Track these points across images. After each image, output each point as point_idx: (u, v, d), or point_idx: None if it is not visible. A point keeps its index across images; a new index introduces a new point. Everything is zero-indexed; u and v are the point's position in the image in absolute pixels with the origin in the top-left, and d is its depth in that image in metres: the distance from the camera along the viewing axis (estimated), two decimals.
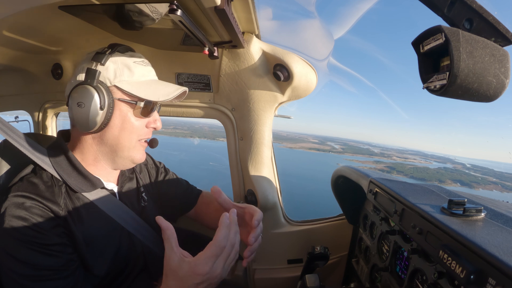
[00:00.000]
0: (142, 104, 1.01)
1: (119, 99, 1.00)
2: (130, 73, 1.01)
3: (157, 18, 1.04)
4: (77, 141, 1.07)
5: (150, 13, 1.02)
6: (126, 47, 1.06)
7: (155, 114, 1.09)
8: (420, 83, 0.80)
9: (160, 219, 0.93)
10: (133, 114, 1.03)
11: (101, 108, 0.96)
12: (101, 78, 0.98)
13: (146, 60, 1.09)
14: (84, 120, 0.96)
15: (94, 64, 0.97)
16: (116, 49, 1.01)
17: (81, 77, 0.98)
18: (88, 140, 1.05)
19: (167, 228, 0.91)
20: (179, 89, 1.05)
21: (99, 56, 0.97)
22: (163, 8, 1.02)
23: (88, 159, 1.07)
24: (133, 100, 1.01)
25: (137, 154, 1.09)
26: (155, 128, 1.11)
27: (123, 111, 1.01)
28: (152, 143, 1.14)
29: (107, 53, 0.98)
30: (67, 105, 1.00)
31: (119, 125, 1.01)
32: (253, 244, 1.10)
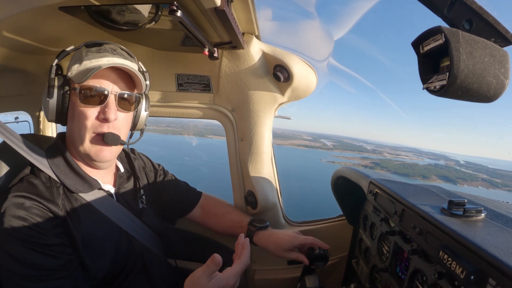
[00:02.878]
0: (78, 89, 1.00)
1: (71, 89, 1.02)
2: (79, 63, 1.02)
3: (156, 20, 1.04)
4: (67, 141, 1.09)
5: (148, 14, 1.02)
6: (97, 42, 1.06)
7: (106, 104, 1.01)
8: (419, 83, 0.80)
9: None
10: (79, 102, 1.00)
11: (48, 96, 0.99)
12: (66, 73, 1.04)
13: (107, 49, 1.04)
14: (44, 110, 1.03)
15: (56, 61, 1.02)
16: (82, 44, 1.04)
17: None
18: (67, 136, 1.09)
19: (216, 262, 0.95)
20: (104, 66, 0.97)
21: (61, 54, 1.03)
22: (162, 9, 1.03)
23: (77, 158, 1.08)
24: (74, 87, 1.01)
25: (92, 149, 1.03)
26: (105, 120, 1.01)
27: (73, 100, 1.02)
28: (104, 137, 1.01)
29: (67, 49, 1.03)
30: None
31: (72, 115, 1.03)
32: None
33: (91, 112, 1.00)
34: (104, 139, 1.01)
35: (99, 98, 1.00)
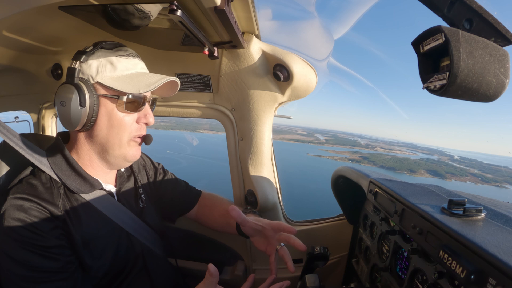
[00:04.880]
0: (125, 98, 0.99)
1: (102, 95, 0.99)
2: (112, 68, 1.00)
3: (152, 16, 1.04)
4: (73, 142, 1.08)
5: (148, 13, 1.02)
6: (113, 43, 1.04)
7: (145, 109, 1.07)
8: (419, 82, 0.80)
9: (211, 267, 0.96)
10: (118, 109, 1.01)
11: (81, 105, 0.95)
12: (84, 76, 0.98)
13: (133, 53, 1.06)
14: (67, 118, 0.97)
15: (74, 63, 0.98)
16: (99, 46, 1.01)
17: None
18: (81, 140, 1.06)
19: (213, 273, 0.95)
20: (163, 79, 1.01)
21: (79, 55, 0.98)
22: (159, 8, 1.03)
23: (84, 160, 1.07)
24: (115, 95, 0.99)
25: (130, 151, 1.07)
26: (146, 124, 1.08)
27: (108, 107, 1.00)
28: (145, 139, 1.11)
29: (87, 51, 0.98)
30: (54, 106, 1.01)
31: (106, 122, 1.01)
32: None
33: (132, 117, 1.04)
34: (145, 140, 1.10)
35: (138, 104, 1.03)
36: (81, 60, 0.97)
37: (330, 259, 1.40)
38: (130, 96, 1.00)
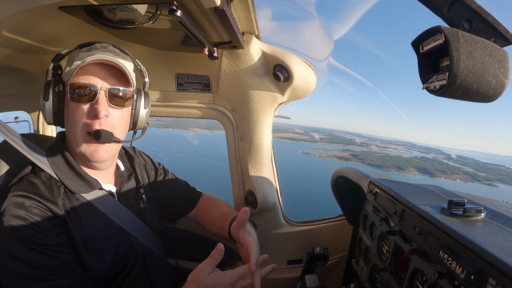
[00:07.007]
0: (68, 87, 0.99)
1: (62, 90, 1.01)
2: (70, 64, 1.02)
3: (154, 19, 1.04)
4: (67, 141, 1.09)
5: (146, 13, 1.02)
6: (88, 42, 1.04)
7: (97, 100, 0.98)
8: (419, 82, 0.80)
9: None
10: (70, 102, 1.00)
11: (44, 99, 1.00)
12: (61, 76, 1.05)
13: (98, 46, 1.03)
14: (42, 113, 1.03)
15: (52, 64, 1.05)
16: (76, 46, 1.04)
17: None
18: (66, 137, 1.09)
19: (219, 250, 0.96)
20: (90, 58, 0.96)
21: (56, 57, 1.05)
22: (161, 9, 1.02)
23: (75, 158, 1.08)
24: (65, 87, 1.01)
25: (86, 150, 1.01)
26: (96, 116, 0.98)
27: (66, 101, 1.02)
28: (96, 134, 0.98)
29: (62, 52, 1.05)
30: None
31: (66, 116, 1.03)
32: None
33: (82, 110, 0.98)
34: (94, 136, 0.98)
35: (89, 95, 0.98)
36: (55, 61, 1.05)
37: (330, 260, 1.40)
38: (83, 86, 0.98)
